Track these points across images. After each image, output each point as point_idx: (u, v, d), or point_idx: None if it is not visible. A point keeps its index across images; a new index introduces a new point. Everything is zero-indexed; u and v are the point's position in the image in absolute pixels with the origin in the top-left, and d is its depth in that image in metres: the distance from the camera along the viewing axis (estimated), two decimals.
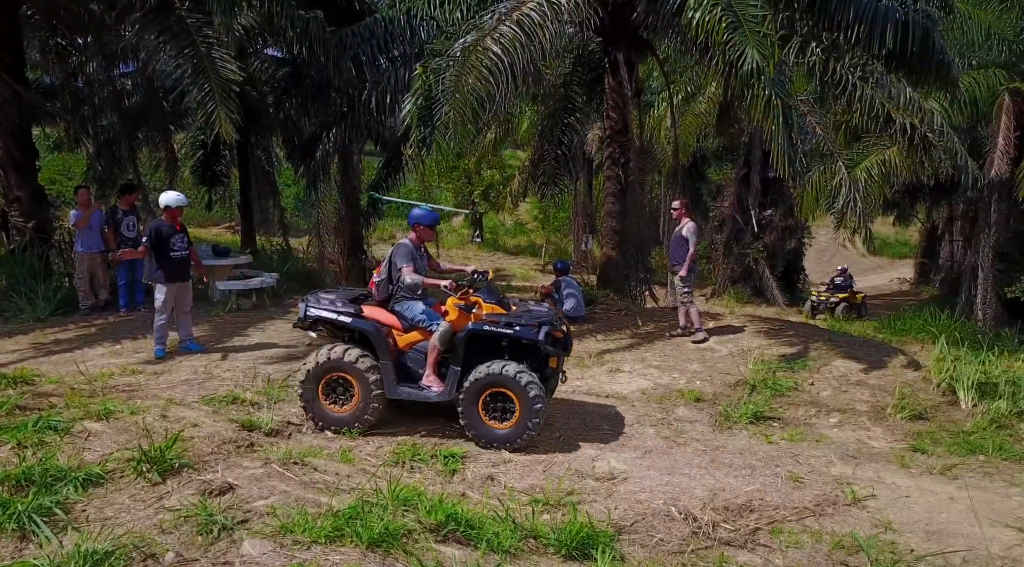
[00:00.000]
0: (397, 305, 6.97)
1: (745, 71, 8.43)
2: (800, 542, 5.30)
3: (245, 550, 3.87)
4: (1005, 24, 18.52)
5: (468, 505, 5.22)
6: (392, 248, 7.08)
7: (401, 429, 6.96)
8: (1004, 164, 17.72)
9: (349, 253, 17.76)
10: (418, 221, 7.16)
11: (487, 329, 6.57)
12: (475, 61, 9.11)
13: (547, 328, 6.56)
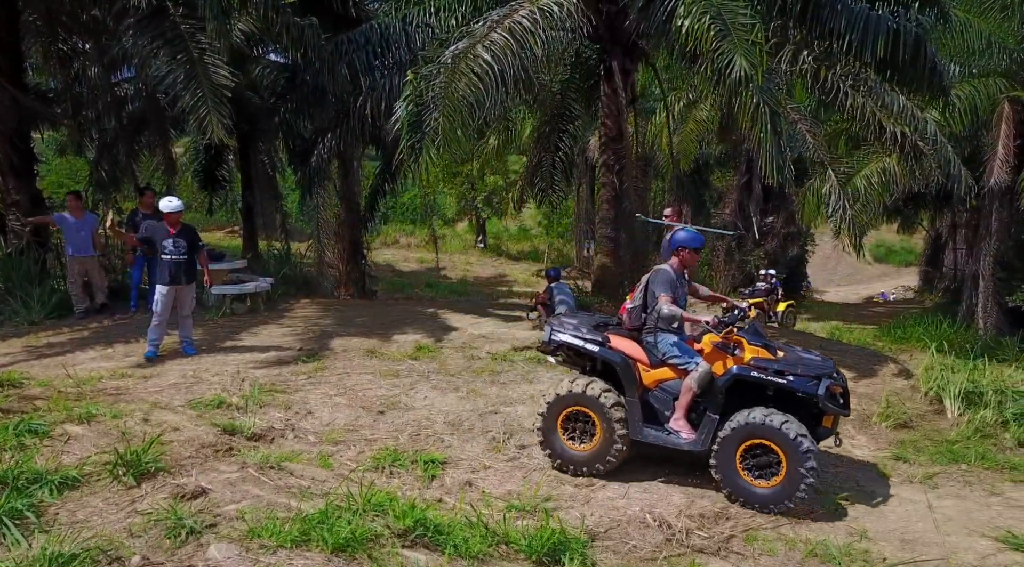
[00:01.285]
0: (648, 337, 6.41)
1: (733, 79, 8.46)
2: (774, 550, 5.32)
3: (211, 554, 3.91)
4: (1006, 32, 18.50)
5: (442, 511, 5.26)
6: (649, 273, 6.48)
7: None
8: (1004, 172, 17.70)
9: (349, 258, 17.79)
10: (682, 245, 6.43)
11: (755, 376, 5.86)
12: (465, 68, 9.17)
13: (828, 382, 5.79)
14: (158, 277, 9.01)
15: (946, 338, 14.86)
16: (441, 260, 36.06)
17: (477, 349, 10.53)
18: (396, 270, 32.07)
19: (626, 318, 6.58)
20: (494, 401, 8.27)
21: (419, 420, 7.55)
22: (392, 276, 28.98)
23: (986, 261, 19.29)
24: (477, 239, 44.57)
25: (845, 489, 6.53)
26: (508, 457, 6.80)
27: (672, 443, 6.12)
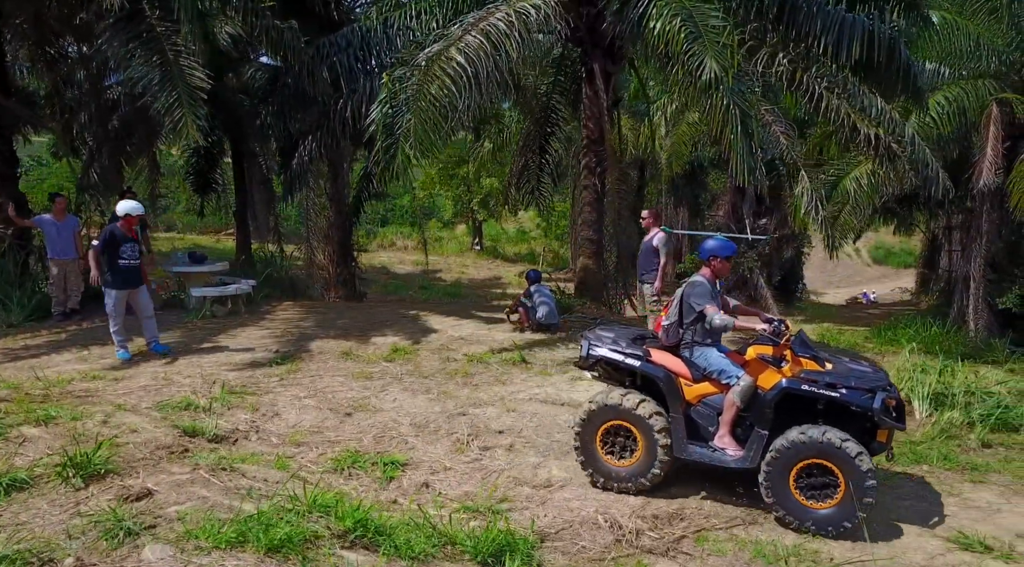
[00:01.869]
0: (688, 351, 6.21)
1: (704, 80, 8.48)
2: (723, 550, 5.34)
3: (145, 555, 3.94)
4: (994, 34, 18.51)
5: (393, 512, 5.29)
6: (683, 287, 6.25)
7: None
8: (992, 174, 17.72)
9: (339, 260, 17.81)
10: (714, 253, 6.22)
11: (806, 389, 5.60)
12: (438, 70, 9.21)
13: (884, 394, 5.50)
14: (112, 282, 9.03)
15: (936, 340, 14.90)
16: (437, 263, 36.14)
17: (454, 351, 10.56)
18: (391, 272, 32.15)
19: (663, 335, 6.35)
20: (464, 403, 8.30)
21: (385, 422, 7.58)
22: (386, 279, 29.05)
23: (977, 263, 19.30)
24: (473, 241, 44.65)
25: None
26: (470, 459, 6.81)
27: (718, 460, 5.89)
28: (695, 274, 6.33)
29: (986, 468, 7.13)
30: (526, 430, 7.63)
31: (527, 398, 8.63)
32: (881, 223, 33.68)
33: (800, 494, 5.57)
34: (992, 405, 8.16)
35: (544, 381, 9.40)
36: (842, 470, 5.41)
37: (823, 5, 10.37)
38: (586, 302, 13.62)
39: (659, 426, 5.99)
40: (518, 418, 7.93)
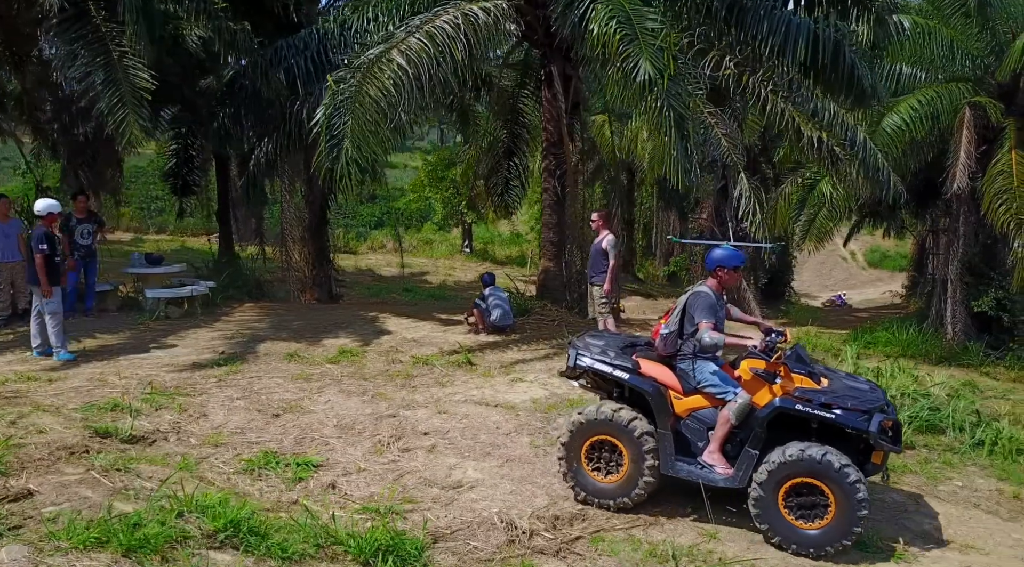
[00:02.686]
0: (682, 363, 6.00)
1: (639, 82, 8.50)
2: (616, 550, 5.36)
3: (0, 556, 3.95)
4: (969, 39, 18.51)
5: (292, 513, 5.31)
6: (686, 296, 6.03)
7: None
8: (966, 178, 17.72)
9: (314, 262, 17.79)
10: (721, 264, 5.99)
11: (799, 409, 5.42)
12: (378, 72, 9.24)
13: (881, 417, 5.36)
14: (50, 279, 9.08)
15: (912, 343, 14.92)
16: (425, 265, 36.10)
17: (403, 353, 10.58)
18: (376, 275, 32.07)
19: (660, 344, 6.11)
20: (397, 405, 8.33)
21: (311, 423, 7.59)
22: (371, 281, 28.93)
23: (954, 266, 19.30)
24: (464, 244, 44.63)
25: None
26: (387, 460, 6.83)
27: (707, 478, 5.69)
28: (701, 284, 6.10)
29: (903, 469, 7.13)
30: (453, 432, 7.64)
31: (462, 400, 8.65)
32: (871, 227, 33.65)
33: (790, 515, 5.43)
34: (921, 407, 8.16)
35: (485, 383, 9.42)
36: (833, 491, 5.26)
37: (771, 8, 10.39)
38: (547, 304, 13.63)
39: (648, 446, 5.81)
40: (448, 420, 7.95)
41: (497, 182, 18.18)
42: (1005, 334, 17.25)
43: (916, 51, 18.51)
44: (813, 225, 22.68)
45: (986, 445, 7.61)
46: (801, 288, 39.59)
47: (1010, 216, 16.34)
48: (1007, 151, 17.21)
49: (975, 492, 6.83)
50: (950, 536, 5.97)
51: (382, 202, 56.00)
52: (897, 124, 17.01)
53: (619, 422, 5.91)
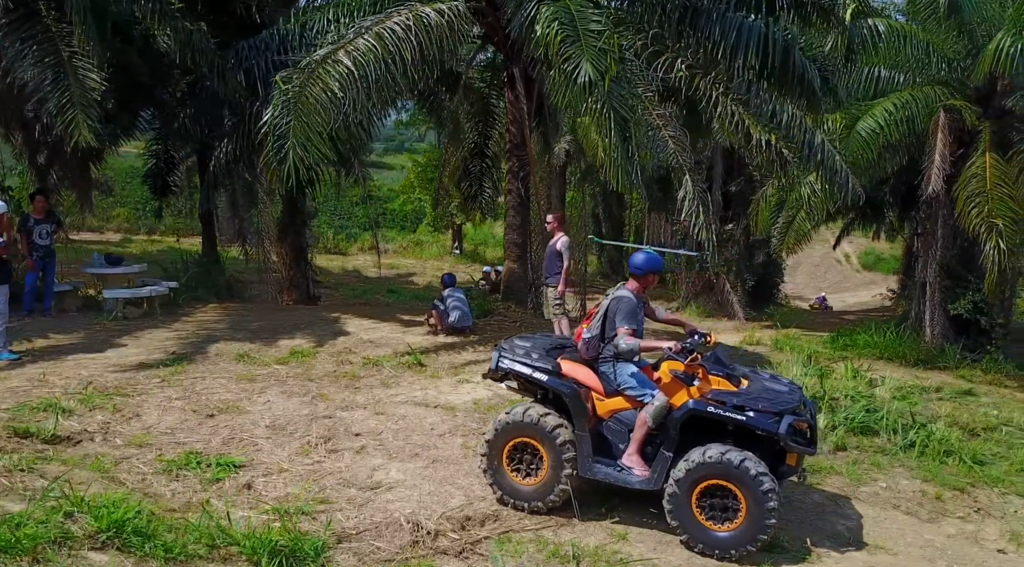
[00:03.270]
0: (604, 365, 6.03)
1: (580, 84, 8.51)
2: (520, 551, 5.37)
3: None
4: (946, 42, 18.52)
5: (190, 513, 5.31)
6: (609, 299, 6.02)
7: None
8: (940, 181, 17.73)
9: (292, 263, 17.79)
10: (640, 268, 6.06)
11: (711, 411, 5.44)
12: (323, 73, 9.25)
13: (791, 418, 5.37)
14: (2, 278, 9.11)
15: (890, 346, 14.92)
16: (414, 266, 36.19)
17: (355, 354, 10.59)
18: (363, 276, 32.11)
19: (582, 348, 6.10)
20: (336, 406, 8.33)
21: (244, 424, 7.60)
22: (356, 282, 29.02)
23: (932, 268, 19.30)
24: (453, 246, 44.65)
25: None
26: (312, 461, 6.83)
27: (623, 481, 5.73)
28: (622, 287, 6.10)
29: (829, 471, 7.14)
30: (386, 433, 7.64)
31: (403, 401, 8.65)
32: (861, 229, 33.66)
33: (702, 515, 5.45)
34: (857, 409, 8.16)
35: (430, 384, 9.43)
36: (742, 492, 5.29)
37: (724, 12, 10.42)
38: (510, 305, 13.64)
39: (569, 455, 5.81)
40: (384, 421, 7.95)
41: (471, 184, 18.20)
42: (983, 337, 17.23)
43: (893, 54, 18.51)
44: (791, 227, 22.64)
45: (917, 447, 7.61)
46: (795, 290, 39.59)
47: (982, 219, 16.29)
48: (981, 154, 17.17)
49: (898, 493, 6.84)
50: (863, 537, 5.99)
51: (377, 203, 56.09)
52: (871, 127, 17.01)
53: (543, 427, 5.91)
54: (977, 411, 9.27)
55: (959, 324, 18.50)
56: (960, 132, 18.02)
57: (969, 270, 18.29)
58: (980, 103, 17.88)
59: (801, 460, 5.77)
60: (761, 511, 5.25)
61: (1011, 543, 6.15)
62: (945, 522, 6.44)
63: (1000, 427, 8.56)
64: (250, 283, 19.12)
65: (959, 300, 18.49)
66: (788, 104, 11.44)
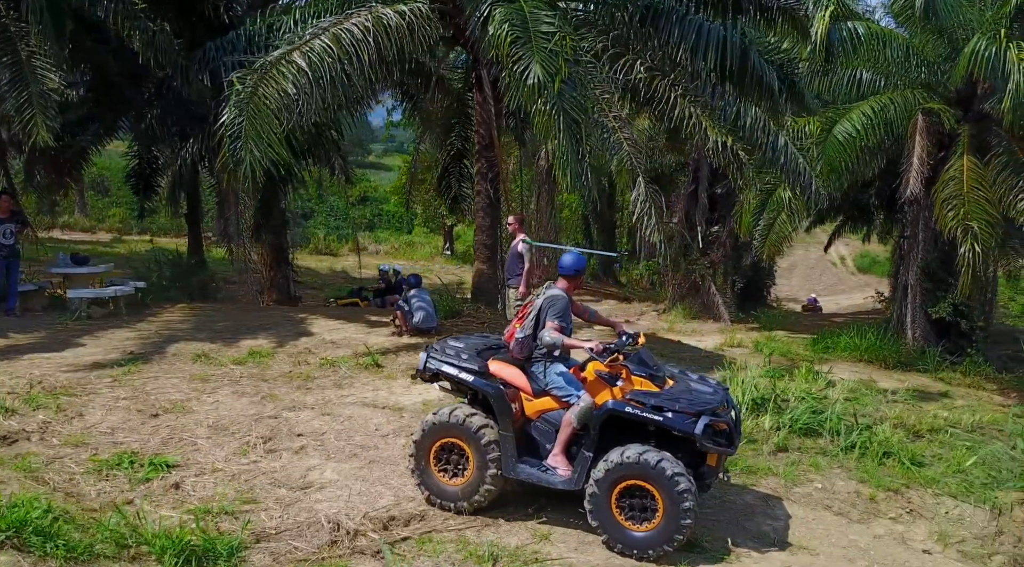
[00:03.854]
0: (534, 365, 6.07)
1: (529, 85, 8.52)
2: (439, 551, 5.38)
3: None
4: (926, 45, 18.53)
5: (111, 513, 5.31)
6: (542, 299, 6.05)
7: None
8: (918, 184, 17.74)
9: (272, 264, 17.79)
10: (569, 269, 6.16)
11: (629, 411, 5.47)
12: (276, 73, 9.27)
13: (708, 419, 5.40)
14: None
15: (871, 348, 14.93)
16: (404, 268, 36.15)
17: (314, 354, 10.60)
18: (349, 277, 32.13)
19: (514, 347, 6.13)
20: (284, 406, 8.34)
21: (187, 424, 7.60)
22: (344, 283, 28.99)
23: (913, 271, 19.31)
24: (445, 247, 44.70)
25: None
26: (249, 461, 6.85)
27: (546, 481, 5.74)
28: (553, 287, 6.15)
29: (766, 471, 7.15)
30: (329, 433, 7.65)
31: (353, 402, 8.67)
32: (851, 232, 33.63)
33: (622, 515, 5.48)
34: (803, 410, 8.17)
35: (384, 385, 9.44)
36: (659, 492, 5.32)
37: (684, 15, 10.46)
38: (479, 306, 13.66)
39: (494, 456, 5.83)
40: (329, 421, 7.96)
41: (449, 184, 18.22)
42: (963, 340, 17.23)
43: (874, 57, 18.49)
44: (772, 229, 22.62)
45: (857, 448, 7.62)
46: (791, 292, 39.49)
47: (957, 222, 16.27)
48: (959, 157, 17.16)
49: (832, 494, 6.85)
50: (787, 538, 6.00)
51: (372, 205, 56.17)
52: (848, 131, 17.00)
53: (469, 428, 5.94)
54: (927, 413, 9.25)
55: (940, 327, 18.53)
56: (940, 135, 18.04)
57: (949, 273, 18.29)
58: (961, 106, 17.89)
59: (722, 460, 5.82)
60: (677, 511, 5.28)
61: (938, 543, 6.16)
62: (875, 523, 6.45)
63: (946, 429, 8.56)
64: (233, 283, 19.15)
65: (939, 303, 18.51)
66: (753, 107, 11.47)
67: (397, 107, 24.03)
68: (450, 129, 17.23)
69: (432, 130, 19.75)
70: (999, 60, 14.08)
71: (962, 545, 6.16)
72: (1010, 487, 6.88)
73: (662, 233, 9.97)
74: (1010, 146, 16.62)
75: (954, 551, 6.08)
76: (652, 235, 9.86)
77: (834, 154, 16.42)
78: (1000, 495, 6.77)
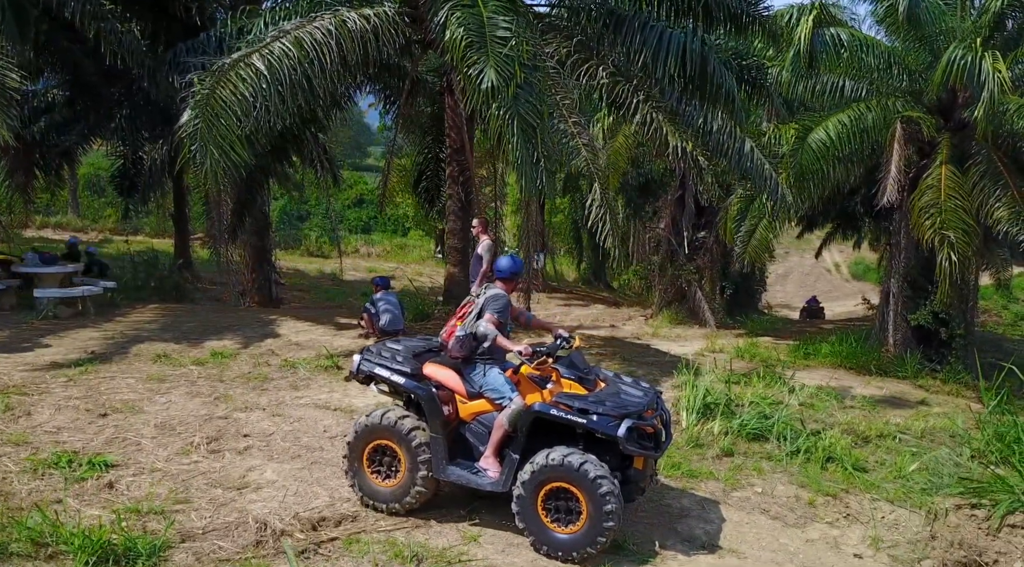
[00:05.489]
0: (471, 366, 6.06)
1: (484, 90, 8.55)
2: (364, 551, 5.39)
3: None
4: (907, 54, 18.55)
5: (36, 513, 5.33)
6: (483, 298, 6.07)
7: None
8: (895, 192, 17.78)
9: (254, 266, 17.79)
10: (505, 272, 6.21)
11: (554, 413, 5.47)
12: (233, 75, 9.29)
13: (631, 421, 5.39)
14: None
15: (851, 355, 14.95)
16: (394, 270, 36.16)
17: (276, 356, 10.63)
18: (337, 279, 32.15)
19: (454, 345, 6.06)
20: (236, 407, 8.36)
21: (135, 424, 7.62)
22: (331, 285, 29.03)
23: (895, 278, 19.34)
24: (436, 250, 44.69)
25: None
26: (190, 461, 6.86)
27: (475, 483, 5.75)
28: (494, 287, 6.17)
29: (707, 475, 7.18)
30: (277, 434, 7.67)
31: (306, 404, 8.69)
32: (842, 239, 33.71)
33: (547, 518, 5.50)
34: (753, 415, 8.19)
35: (340, 387, 9.45)
36: (583, 494, 5.33)
37: (646, 22, 10.52)
38: (450, 308, 13.66)
39: (424, 457, 5.85)
40: (278, 423, 7.98)
41: (428, 187, 18.26)
42: (944, 348, 17.22)
43: (856, 64, 18.50)
44: (753, 236, 22.64)
45: (801, 453, 7.64)
46: (785, 299, 39.56)
47: (934, 231, 16.27)
48: (939, 165, 17.16)
49: (771, 498, 6.87)
50: (718, 541, 6.03)
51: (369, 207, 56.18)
52: (823, 139, 16.99)
53: (400, 430, 5.96)
54: (879, 420, 9.27)
55: (920, 334, 18.55)
56: (921, 143, 18.08)
57: (930, 280, 18.29)
58: (942, 115, 17.87)
59: (651, 464, 5.86)
60: (600, 514, 5.30)
61: (870, 548, 6.18)
62: (811, 527, 6.47)
63: (895, 435, 8.58)
64: (218, 285, 19.19)
65: (920, 310, 18.54)
66: (720, 113, 11.51)
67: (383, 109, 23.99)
68: (427, 132, 17.28)
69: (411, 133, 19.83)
70: (975, 69, 14.08)
71: (894, 550, 6.17)
72: (948, 492, 6.89)
73: (616, 236, 9.99)
74: (989, 155, 16.60)
75: (885, 556, 6.10)
76: (607, 239, 9.89)
77: (807, 162, 16.43)
78: (937, 500, 6.78)
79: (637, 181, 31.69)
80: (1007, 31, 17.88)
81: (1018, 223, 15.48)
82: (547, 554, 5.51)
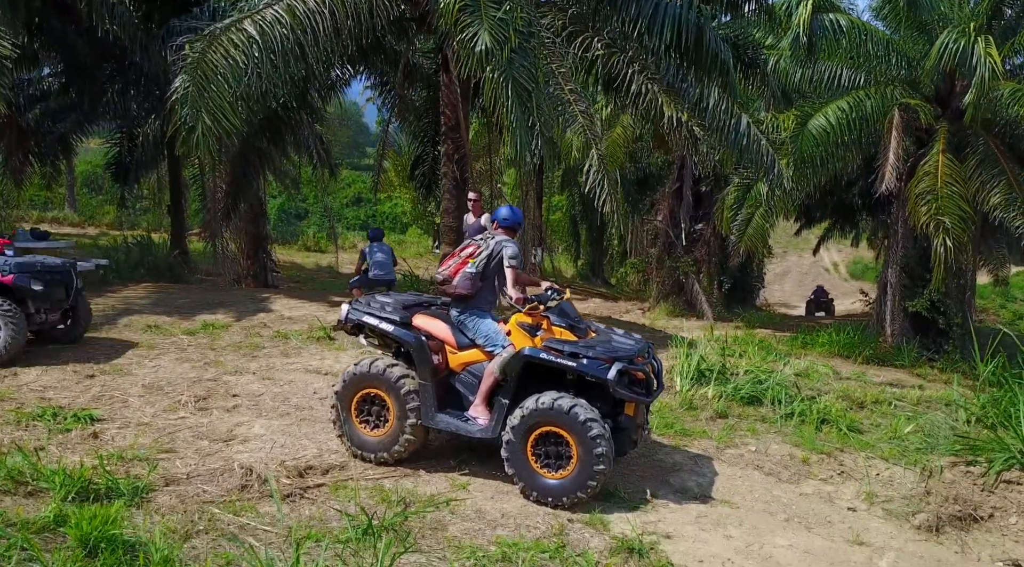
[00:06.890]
0: (462, 316, 6.02)
1: (478, 53, 8.49)
2: (351, 496, 5.30)
3: None
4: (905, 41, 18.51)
5: None
6: (493, 243, 6.00)
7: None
8: (893, 179, 17.72)
9: (250, 253, 17.71)
10: (507, 220, 6.18)
11: (543, 357, 5.45)
12: (224, 40, 9.22)
13: (621, 365, 5.37)
14: None
15: (848, 344, 14.88)
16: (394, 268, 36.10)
17: (268, 328, 10.55)
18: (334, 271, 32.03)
19: (460, 280, 5.93)
20: (226, 371, 8.30)
21: (122, 384, 7.55)
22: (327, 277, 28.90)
23: (893, 268, 19.28)
24: (434, 244, 44.61)
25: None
26: (176, 417, 6.79)
27: (465, 430, 5.71)
28: (497, 234, 6.11)
29: (701, 434, 7.11)
30: (266, 395, 7.60)
31: (297, 369, 8.62)
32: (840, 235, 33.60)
33: (537, 463, 5.44)
34: (747, 380, 8.12)
35: (331, 355, 9.37)
36: (573, 438, 5.28)
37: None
38: None
39: (407, 389, 5.81)
40: (268, 385, 7.91)
41: (425, 173, 18.19)
42: (941, 337, 17.16)
43: (855, 51, 18.44)
44: (749, 224, 22.57)
45: (796, 416, 7.56)
46: (783, 298, 39.49)
47: (930, 217, 16.22)
48: (936, 153, 17.09)
49: (765, 456, 6.80)
50: (711, 493, 5.96)
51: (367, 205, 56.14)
52: (823, 126, 16.96)
53: (389, 378, 5.90)
54: (872, 388, 9.20)
55: (918, 324, 18.48)
56: (919, 131, 18.03)
57: (927, 269, 18.22)
58: (939, 103, 17.82)
59: (643, 411, 5.79)
60: (590, 457, 5.24)
61: (864, 502, 6.11)
62: (805, 483, 6.40)
63: (891, 401, 8.51)
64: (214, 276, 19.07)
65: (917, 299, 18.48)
66: (715, 89, 11.44)
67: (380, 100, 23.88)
68: (422, 116, 17.20)
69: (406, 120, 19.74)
70: (968, 54, 14.03)
71: (888, 504, 6.10)
72: (943, 452, 6.81)
73: (614, 203, 9.90)
74: (986, 143, 16.57)
75: (879, 509, 6.02)
76: (605, 205, 9.82)
77: (807, 149, 16.39)
78: (932, 458, 6.70)
79: (635, 176, 31.61)
80: (1005, 19, 17.85)
81: (1013, 208, 15.46)
82: (537, 500, 5.44)
